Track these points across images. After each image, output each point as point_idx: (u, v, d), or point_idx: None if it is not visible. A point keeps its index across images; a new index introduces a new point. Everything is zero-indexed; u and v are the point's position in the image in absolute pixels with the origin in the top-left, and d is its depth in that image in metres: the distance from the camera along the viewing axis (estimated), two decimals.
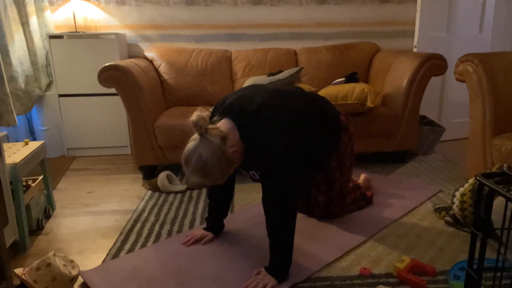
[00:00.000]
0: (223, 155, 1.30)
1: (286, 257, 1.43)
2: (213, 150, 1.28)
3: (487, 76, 1.95)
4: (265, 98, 1.43)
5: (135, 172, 2.67)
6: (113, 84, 2.35)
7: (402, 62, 2.65)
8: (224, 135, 1.32)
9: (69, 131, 2.99)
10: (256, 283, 1.38)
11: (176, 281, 1.42)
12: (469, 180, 1.81)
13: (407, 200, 2.08)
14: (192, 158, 1.29)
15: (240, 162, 1.43)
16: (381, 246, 1.65)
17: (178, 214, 2.00)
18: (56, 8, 3.05)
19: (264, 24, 3.23)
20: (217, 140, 1.29)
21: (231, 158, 1.34)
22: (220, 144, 1.29)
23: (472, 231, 1.04)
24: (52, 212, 2.05)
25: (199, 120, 1.28)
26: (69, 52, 2.87)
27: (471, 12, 3.08)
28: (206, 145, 1.28)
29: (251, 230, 1.79)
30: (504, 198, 0.95)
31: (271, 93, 1.48)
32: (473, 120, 2.06)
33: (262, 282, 1.38)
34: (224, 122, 1.40)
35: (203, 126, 1.28)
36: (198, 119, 1.28)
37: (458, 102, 3.23)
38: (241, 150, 1.39)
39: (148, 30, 3.16)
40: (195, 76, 2.93)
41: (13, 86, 2.59)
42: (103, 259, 1.59)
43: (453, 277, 1.38)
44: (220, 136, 1.30)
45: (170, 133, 2.40)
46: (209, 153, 1.27)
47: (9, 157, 1.68)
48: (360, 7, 3.27)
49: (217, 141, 1.29)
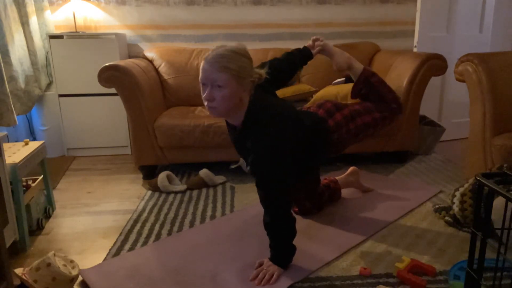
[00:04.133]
0: (248, 62, 1.45)
1: (288, 246, 1.46)
2: (237, 59, 1.38)
3: (487, 76, 1.95)
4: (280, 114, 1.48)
5: (135, 172, 2.67)
6: (113, 84, 2.35)
7: (402, 62, 2.65)
8: (255, 82, 1.48)
9: (69, 131, 2.99)
10: (263, 274, 1.40)
11: (175, 280, 1.42)
12: (469, 180, 1.81)
13: (407, 200, 2.08)
14: (221, 49, 1.39)
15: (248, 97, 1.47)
16: (381, 246, 1.65)
17: (178, 214, 2.00)
18: (56, 8, 3.05)
19: (264, 24, 3.23)
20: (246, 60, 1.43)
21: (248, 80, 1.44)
22: (247, 58, 1.44)
23: (472, 231, 1.04)
24: (52, 212, 2.05)
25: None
26: (69, 52, 2.87)
27: (471, 12, 3.08)
28: (237, 51, 1.40)
29: (250, 230, 1.79)
30: (504, 198, 0.95)
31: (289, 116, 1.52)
32: (473, 120, 2.06)
33: (268, 272, 1.41)
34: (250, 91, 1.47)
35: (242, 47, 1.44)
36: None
37: (458, 102, 3.23)
38: (245, 104, 1.45)
39: (148, 30, 3.16)
40: (195, 76, 2.93)
41: (13, 86, 2.59)
42: (103, 259, 1.59)
43: (453, 277, 1.38)
44: (254, 81, 1.47)
45: (170, 133, 2.40)
46: (237, 54, 1.39)
47: (9, 157, 1.68)
48: (360, 7, 3.27)
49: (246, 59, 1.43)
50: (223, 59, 1.35)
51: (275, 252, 1.46)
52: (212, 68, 1.35)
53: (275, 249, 1.46)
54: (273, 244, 1.46)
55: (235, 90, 1.38)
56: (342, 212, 1.96)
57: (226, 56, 1.35)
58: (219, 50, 1.38)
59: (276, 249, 1.46)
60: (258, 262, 1.47)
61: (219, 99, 1.37)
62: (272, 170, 1.38)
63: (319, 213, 1.94)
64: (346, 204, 2.05)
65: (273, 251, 1.46)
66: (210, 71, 1.35)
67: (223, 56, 1.35)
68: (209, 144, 2.42)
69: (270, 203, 1.42)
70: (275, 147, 1.37)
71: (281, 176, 1.39)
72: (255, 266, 1.47)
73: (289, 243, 1.46)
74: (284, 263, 1.46)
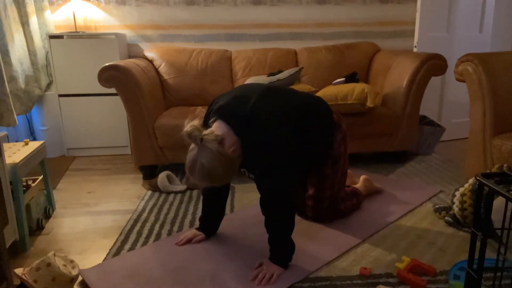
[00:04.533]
0: (223, 157, 1.30)
1: (288, 245, 1.46)
2: (212, 156, 1.28)
3: (487, 76, 1.95)
4: (258, 100, 1.44)
5: (135, 172, 2.67)
6: (113, 84, 2.35)
7: (402, 62, 2.65)
8: (220, 138, 1.33)
9: (69, 131, 2.99)
10: (263, 274, 1.40)
11: (175, 280, 1.42)
12: (469, 180, 1.81)
13: (407, 200, 2.08)
14: (195, 168, 1.30)
15: (241, 157, 1.43)
16: (381, 246, 1.65)
17: (178, 214, 2.00)
18: (56, 8, 3.05)
19: (264, 24, 3.23)
20: (214, 145, 1.30)
21: (232, 157, 1.35)
22: (218, 148, 1.30)
23: (472, 231, 1.04)
24: (52, 212, 2.05)
25: (193, 131, 1.28)
26: (69, 52, 2.87)
27: (471, 12, 3.08)
28: (205, 153, 1.29)
29: (250, 229, 1.79)
30: (504, 198, 0.95)
31: (264, 93, 1.48)
32: (473, 120, 2.06)
33: (268, 272, 1.41)
34: (218, 124, 1.40)
35: (197, 136, 1.29)
36: (192, 129, 1.28)
37: (458, 102, 3.23)
38: (240, 146, 1.40)
39: (148, 30, 3.16)
40: (195, 76, 2.93)
41: (13, 86, 2.59)
42: (103, 259, 1.59)
43: (453, 277, 1.38)
44: (216, 141, 1.31)
45: (170, 133, 2.40)
46: (209, 160, 1.28)
47: (9, 157, 1.68)
48: (360, 7, 3.27)
49: (215, 146, 1.29)
50: (205, 180, 1.32)
51: (276, 251, 1.46)
52: (202, 183, 1.34)
53: (276, 248, 1.46)
54: (275, 242, 1.46)
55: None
56: None
57: (207, 177, 1.31)
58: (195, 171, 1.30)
59: (277, 247, 1.46)
60: (258, 262, 1.47)
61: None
62: (279, 159, 1.38)
63: None
64: None
65: (273, 250, 1.46)
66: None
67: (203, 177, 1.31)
68: None
69: (278, 201, 1.41)
70: (274, 142, 1.38)
71: (289, 162, 1.42)
72: (255, 266, 1.47)
73: (290, 240, 1.46)
74: (285, 262, 1.46)
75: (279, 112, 1.44)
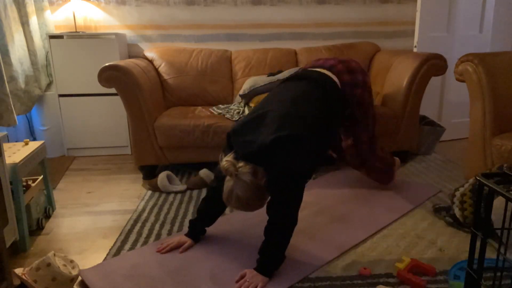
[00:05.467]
0: (257, 188, 1.38)
1: (280, 257, 1.45)
2: (247, 187, 1.37)
3: (487, 76, 1.95)
4: (277, 129, 1.39)
5: (135, 172, 2.67)
6: (113, 84, 2.35)
7: (402, 62, 2.65)
8: (254, 170, 1.38)
9: (69, 131, 2.99)
10: (245, 286, 1.37)
11: (174, 280, 1.42)
12: (469, 180, 1.81)
13: (407, 200, 2.08)
14: (231, 199, 1.40)
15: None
16: (381, 246, 1.65)
17: (178, 214, 2.00)
18: (56, 8, 3.05)
19: (264, 24, 3.23)
20: (249, 177, 1.37)
21: (265, 186, 1.40)
22: (252, 180, 1.37)
23: (472, 231, 1.04)
24: (52, 212, 2.05)
25: (229, 167, 1.37)
26: (69, 52, 2.87)
27: (471, 12, 3.08)
28: (240, 185, 1.37)
29: (249, 230, 1.79)
30: (504, 198, 0.95)
31: (281, 119, 1.43)
32: (473, 120, 2.06)
33: (251, 284, 1.37)
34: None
35: (233, 171, 1.37)
36: (228, 165, 1.37)
37: (458, 102, 3.23)
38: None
39: (148, 30, 3.16)
40: (195, 76, 2.93)
41: (13, 86, 2.59)
42: (103, 259, 1.59)
43: (453, 277, 1.38)
44: (250, 173, 1.37)
45: (170, 133, 2.40)
46: (244, 191, 1.37)
47: (9, 157, 1.68)
48: (360, 7, 3.27)
49: (249, 178, 1.37)
50: (241, 208, 1.44)
51: (266, 261, 1.42)
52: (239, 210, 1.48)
53: (268, 257, 1.43)
54: (268, 252, 1.43)
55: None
56: (342, 212, 1.96)
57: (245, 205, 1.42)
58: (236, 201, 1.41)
59: (269, 257, 1.43)
60: (240, 274, 1.43)
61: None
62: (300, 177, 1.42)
63: (319, 213, 1.94)
64: (346, 203, 2.05)
65: (263, 260, 1.42)
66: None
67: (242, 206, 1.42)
68: (209, 144, 2.42)
69: (289, 212, 1.42)
70: (297, 167, 1.40)
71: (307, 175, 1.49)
72: (236, 279, 1.42)
73: (283, 252, 1.45)
74: (272, 272, 1.43)
75: (300, 135, 1.40)
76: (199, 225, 1.68)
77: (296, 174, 1.39)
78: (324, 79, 1.69)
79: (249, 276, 1.40)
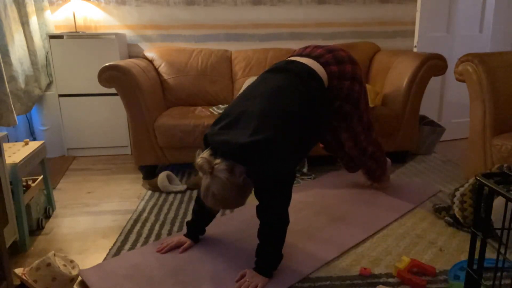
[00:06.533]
0: (234, 185, 1.34)
1: (278, 256, 1.44)
2: (223, 185, 1.33)
3: (487, 76, 1.95)
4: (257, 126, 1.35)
5: (135, 172, 2.67)
6: (113, 84, 2.35)
7: (402, 62, 2.65)
8: (231, 167, 1.34)
9: (69, 131, 2.99)
10: (245, 286, 1.37)
11: (174, 280, 1.42)
12: (469, 180, 1.81)
13: (407, 200, 2.08)
14: (207, 196, 1.36)
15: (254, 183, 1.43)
16: (381, 246, 1.65)
17: (178, 214, 2.00)
18: (56, 8, 3.05)
19: (264, 24, 3.23)
20: (225, 174, 1.33)
21: (243, 184, 1.36)
22: (228, 177, 1.33)
23: (472, 231, 1.04)
24: (52, 212, 2.05)
25: (203, 164, 1.33)
26: (69, 52, 2.87)
27: (471, 12, 3.08)
28: (216, 182, 1.33)
29: (249, 230, 1.79)
30: (504, 198, 0.95)
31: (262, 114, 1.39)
32: (473, 120, 2.06)
33: (251, 284, 1.37)
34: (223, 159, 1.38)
35: (207, 169, 1.33)
36: (202, 162, 1.33)
37: (458, 102, 3.23)
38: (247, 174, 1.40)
39: (148, 30, 3.16)
40: (195, 76, 2.93)
41: (13, 86, 2.59)
42: (103, 259, 1.59)
43: (453, 277, 1.38)
44: (227, 170, 1.33)
45: (170, 133, 2.40)
46: (220, 188, 1.33)
47: (9, 157, 1.68)
48: (360, 7, 3.27)
49: (225, 175, 1.33)
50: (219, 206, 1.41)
51: (264, 261, 1.42)
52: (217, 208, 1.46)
53: (265, 258, 1.42)
54: (265, 252, 1.42)
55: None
56: (342, 212, 1.96)
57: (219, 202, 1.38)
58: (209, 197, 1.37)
59: (267, 257, 1.42)
60: (240, 274, 1.43)
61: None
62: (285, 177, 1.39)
63: (319, 213, 1.94)
64: (346, 204, 2.05)
65: (261, 260, 1.42)
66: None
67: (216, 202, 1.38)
68: None
69: (278, 212, 1.40)
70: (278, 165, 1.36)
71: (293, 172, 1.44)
72: (236, 279, 1.42)
73: (280, 251, 1.44)
74: (272, 272, 1.43)
75: (279, 136, 1.36)
76: (196, 226, 1.68)
77: (280, 177, 1.36)
78: (306, 72, 1.59)
79: (249, 275, 1.40)
